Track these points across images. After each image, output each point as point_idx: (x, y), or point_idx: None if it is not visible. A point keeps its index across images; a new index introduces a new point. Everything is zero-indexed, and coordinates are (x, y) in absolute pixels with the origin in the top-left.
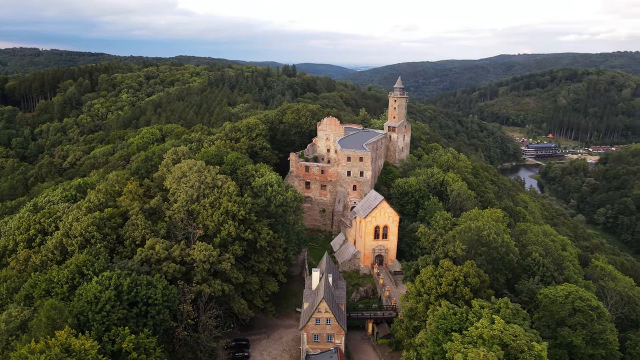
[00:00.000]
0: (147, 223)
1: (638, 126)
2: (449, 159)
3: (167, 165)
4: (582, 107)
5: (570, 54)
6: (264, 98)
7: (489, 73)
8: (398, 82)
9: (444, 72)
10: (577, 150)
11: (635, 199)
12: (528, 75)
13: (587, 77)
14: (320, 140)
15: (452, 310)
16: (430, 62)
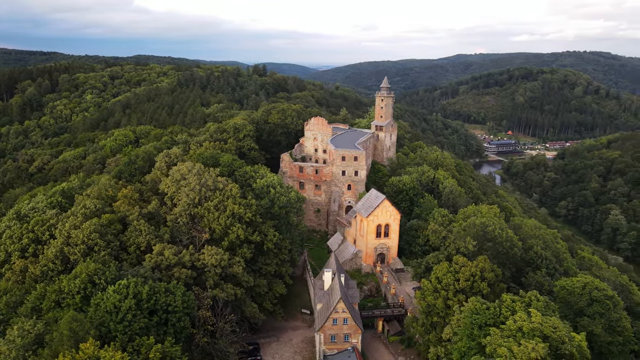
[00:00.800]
0: (150, 228)
1: (589, 122)
2: (438, 157)
3: (161, 168)
4: (538, 105)
5: (523, 53)
6: (238, 98)
7: (448, 72)
8: (384, 82)
9: (405, 71)
10: (535, 146)
11: (594, 191)
12: (486, 74)
13: (542, 76)
14: (308, 140)
15: (485, 305)
16: (392, 62)
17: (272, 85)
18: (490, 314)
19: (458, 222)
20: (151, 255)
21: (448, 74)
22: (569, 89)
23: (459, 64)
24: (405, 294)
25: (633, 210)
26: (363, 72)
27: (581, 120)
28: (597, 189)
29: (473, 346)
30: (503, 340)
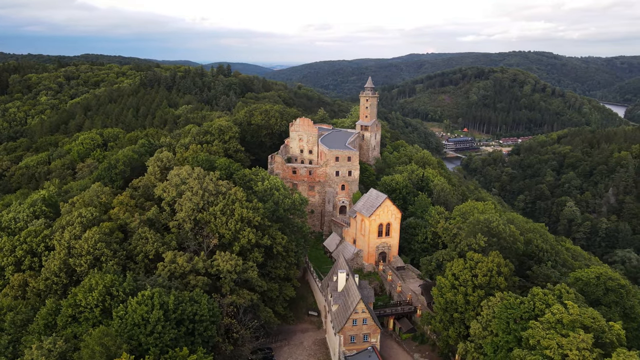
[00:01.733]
0: (157, 236)
1: (538, 119)
2: (425, 155)
3: (154, 173)
4: (490, 103)
5: (473, 53)
6: (207, 99)
7: (402, 71)
8: (369, 82)
9: (361, 70)
10: (489, 142)
11: (549, 185)
12: (440, 73)
13: (493, 75)
14: (293, 141)
15: (518, 300)
16: (347, 61)
17: (239, 85)
18: (525, 307)
19: (456, 220)
20: (164, 264)
21: (402, 72)
22: (518, 87)
23: (412, 63)
24: (411, 291)
25: (586, 202)
26: (319, 71)
27: (531, 117)
28: (552, 183)
29: (510, 340)
30: (545, 333)
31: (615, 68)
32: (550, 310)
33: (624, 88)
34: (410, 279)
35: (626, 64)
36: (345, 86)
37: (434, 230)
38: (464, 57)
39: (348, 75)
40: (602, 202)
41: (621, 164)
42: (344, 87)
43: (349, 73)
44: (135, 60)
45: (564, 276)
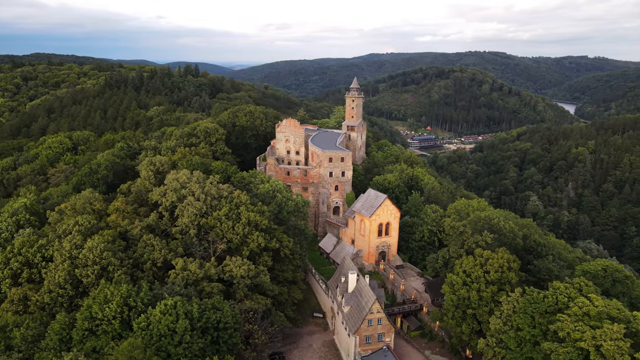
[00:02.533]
0: (162, 243)
1: (497, 117)
2: (412, 155)
3: (149, 177)
4: (451, 102)
5: (431, 53)
6: (178, 100)
7: (364, 71)
8: (354, 83)
9: (323, 70)
10: (452, 140)
11: (512, 180)
12: (402, 73)
13: (453, 74)
14: (280, 142)
15: (542, 294)
16: (308, 60)
17: (208, 85)
18: (549, 301)
19: (451, 217)
20: (176, 271)
21: (363, 72)
22: (477, 86)
23: (373, 63)
24: (414, 289)
25: (548, 196)
26: (281, 71)
27: (490, 115)
28: (515, 178)
29: (536, 333)
30: (573, 325)
31: (564, 68)
32: (575, 303)
33: (573, 87)
34: (410, 277)
35: (574, 64)
36: (308, 86)
37: (430, 229)
38: (422, 57)
39: (310, 75)
40: (563, 196)
41: (579, 160)
42: (306, 87)
43: (310, 73)
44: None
45: (564, 269)
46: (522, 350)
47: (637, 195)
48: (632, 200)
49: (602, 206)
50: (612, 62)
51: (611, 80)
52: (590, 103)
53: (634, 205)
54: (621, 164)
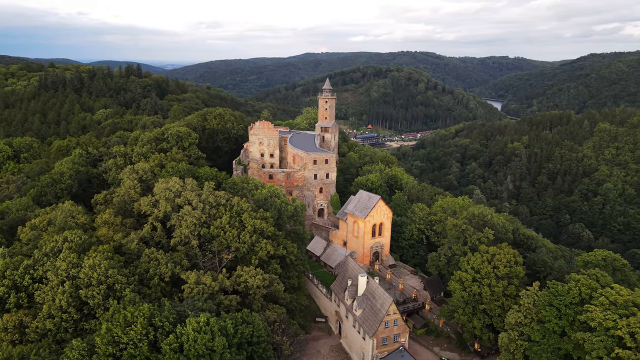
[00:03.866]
0: (167, 256)
1: (433, 115)
2: (387, 155)
3: (134, 187)
4: (390, 100)
5: (366, 52)
6: (125, 102)
7: (300, 70)
8: (326, 84)
9: (259, 69)
10: (393, 138)
11: (456, 176)
12: (340, 72)
13: (390, 73)
14: (253, 145)
15: (566, 287)
16: (244, 60)
17: (154, 86)
18: (573, 293)
19: (438, 215)
20: (190, 285)
21: (300, 71)
22: (413, 85)
23: (309, 62)
24: (412, 287)
25: (489, 189)
26: (216, 70)
27: (427, 113)
28: (458, 173)
29: (564, 325)
30: (603, 315)
31: (488, 67)
32: (601, 293)
33: (497, 85)
34: (405, 275)
35: (497, 64)
36: (245, 85)
37: (419, 227)
38: (357, 57)
39: (247, 75)
40: (503, 189)
41: (515, 154)
42: (244, 87)
43: (247, 72)
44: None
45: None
46: (548, 341)
47: (568, 185)
48: (564, 191)
49: (538, 197)
50: (530, 62)
51: (531, 79)
52: (514, 100)
53: (566, 195)
54: (553, 157)
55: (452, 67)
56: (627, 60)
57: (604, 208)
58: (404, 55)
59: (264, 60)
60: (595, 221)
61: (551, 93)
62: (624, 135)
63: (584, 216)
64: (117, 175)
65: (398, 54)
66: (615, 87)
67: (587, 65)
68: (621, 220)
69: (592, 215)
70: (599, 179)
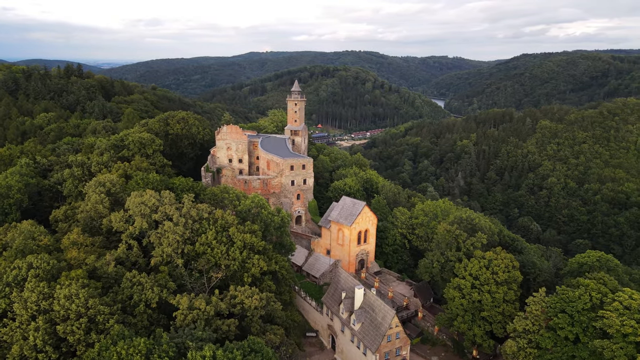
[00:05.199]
0: (151, 279)
1: (381, 113)
2: (360, 158)
3: (102, 201)
4: (339, 99)
5: (311, 52)
6: (69, 104)
7: (245, 69)
8: (295, 86)
9: (203, 69)
10: (343, 137)
11: (409, 174)
12: (287, 72)
13: (338, 73)
14: (221, 150)
15: (577, 292)
16: (186, 59)
17: (98, 88)
18: (585, 299)
19: (420, 219)
20: (183, 312)
21: (245, 71)
22: (361, 84)
23: (254, 62)
24: (401, 295)
25: (442, 186)
26: (158, 70)
27: (375, 112)
28: (411, 171)
29: (578, 331)
30: (620, 321)
31: (429, 67)
32: (615, 298)
33: (439, 84)
34: (392, 282)
35: (437, 63)
36: (189, 85)
37: (401, 232)
38: (302, 56)
39: (190, 74)
40: (454, 185)
41: (465, 151)
42: (188, 87)
43: (191, 72)
44: None
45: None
46: (561, 349)
47: (515, 181)
48: (512, 186)
49: (488, 192)
50: (468, 62)
51: (470, 78)
52: (456, 98)
53: (514, 190)
54: (500, 154)
55: (396, 67)
56: (557, 60)
57: (550, 201)
58: (349, 54)
59: (207, 59)
60: (542, 214)
61: (490, 91)
62: (564, 132)
63: (532, 209)
64: (74, 188)
65: (343, 53)
66: (547, 85)
67: (520, 64)
68: (566, 212)
69: (539, 208)
70: (544, 174)
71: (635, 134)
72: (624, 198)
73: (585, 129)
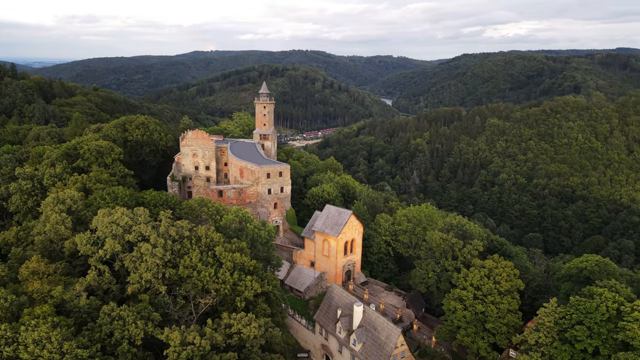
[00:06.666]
0: (132, 311)
1: (332, 113)
2: (333, 162)
3: (64, 221)
4: (289, 99)
5: (257, 51)
6: (4, 108)
7: (190, 69)
8: (263, 88)
9: (145, 68)
10: (295, 137)
11: (365, 173)
12: (235, 71)
13: (287, 72)
14: (186, 157)
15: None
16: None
17: (36, 89)
18: (602, 310)
19: (403, 225)
20: (175, 349)
21: (190, 70)
22: (310, 84)
23: (199, 61)
24: (394, 306)
25: (398, 184)
26: (96, 69)
27: (325, 111)
28: (367, 170)
29: (597, 344)
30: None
31: (375, 66)
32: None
33: (385, 83)
34: (380, 293)
35: (383, 62)
36: (131, 85)
37: (385, 239)
38: (249, 55)
39: (132, 74)
40: (410, 184)
41: (419, 149)
42: (129, 87)
43: (132, 71)
44: None
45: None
46: None
47: (468, 177)
48: (465, 183)
49: (443, 189)
50: (411, 61)
51: (415, 77)
52: (403, 97)
53: (467, 187)
54: (452, 152)
55: (343, 66)
56: (495, 60)
57: (502, 197)
58: (296, 53)
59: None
60: (496, 209)
61: (435, 90)
62: (511, 129)
63: (485, 205)
64: (23, 204)
65: (290, 52)
66: (488, 84)
67: (461, 64)
68: (517, 207)
69: (492, 204)
70: (495, 171)
71: (576, 130)
72: (570, 192)
73: (531, 127)
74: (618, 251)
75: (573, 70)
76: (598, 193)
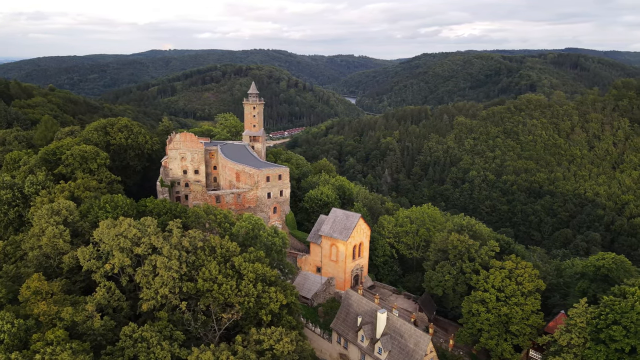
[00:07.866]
0: (154, 330)
1: (297, 112)
2: (326, 163)
3: (62, 234)
4: None
5: (218, 50)
6: None
7: (149, 68)
8: (252, 88)
9: (101, 67)
10: None
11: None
12: (197, 70)
13: (251, 72)
14: (173, 161)
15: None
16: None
17: None
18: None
19: (406, 227)
20: None
21: (149, 70)
22: (275, 83)
23: (158, 60)
24: (406, 310)
25: (370, 183)
26: (47, 68)
27: (291, 111)
28: (338, 170)
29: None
30: None
31: (337, 65)
32: None
33: (348, 82)
34: (389, 296)
35: (344, 62)
36: (86, 85)
37: (389, 241)
38: (209, 54)
39: (86, 73)
40: (382, 182)
41: (389, 148)
42: (84, 87)
43: (86, 70)
44: None
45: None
46: None
47: (439, 175)
48: (436, 180)
49: (415, 187)
50: (372, 60)
51: (377, 76)
52: (367, 96)
53: (439, 185)
54: (423, 150)
55: (305, 65)
56: (455, 60)
57: (473, 193)
58: (258, 53)
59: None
60: (467, 206)
61: (398, 89)
62: (478, 127)
63: (457, 202)
64: (3, 215)
65: (251, 52)
66: (448, 83)
67: (421, 63)
68: (488, 203)
69: (464, 200)
70: (465, 168)
71: (540, 127)
72: (537, 187)
73: (497, 124)
74: (586, 243)
75: (528, 69)
76: (564, 188)
